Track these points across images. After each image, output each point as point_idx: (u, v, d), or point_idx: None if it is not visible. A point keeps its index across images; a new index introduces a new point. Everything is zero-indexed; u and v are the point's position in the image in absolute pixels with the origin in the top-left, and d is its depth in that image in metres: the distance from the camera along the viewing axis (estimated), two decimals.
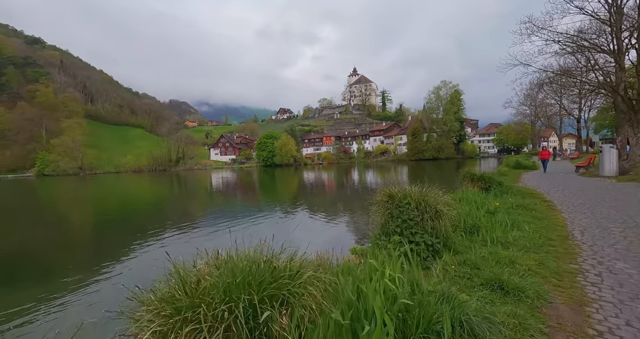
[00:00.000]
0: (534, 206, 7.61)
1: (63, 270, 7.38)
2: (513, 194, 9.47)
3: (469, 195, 8.01)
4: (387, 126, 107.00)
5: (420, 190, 4.78)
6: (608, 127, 48.25)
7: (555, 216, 6.84)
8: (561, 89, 30.50)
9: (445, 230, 4.42)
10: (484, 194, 8.92)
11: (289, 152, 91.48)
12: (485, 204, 7.10)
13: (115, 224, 13.64)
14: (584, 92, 25.98)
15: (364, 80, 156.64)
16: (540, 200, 8.97)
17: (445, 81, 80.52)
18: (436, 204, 4.48)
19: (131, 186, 39.12)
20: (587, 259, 4.18)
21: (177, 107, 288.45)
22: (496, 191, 9.57)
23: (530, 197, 9.54)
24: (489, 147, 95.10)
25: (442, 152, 76.93)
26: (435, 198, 4.69)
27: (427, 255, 4.13)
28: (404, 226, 4.28)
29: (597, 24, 14.98)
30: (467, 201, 7.33)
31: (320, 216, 12.37)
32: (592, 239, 5.02)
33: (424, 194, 4.67)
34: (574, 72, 16.99)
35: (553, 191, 10.90)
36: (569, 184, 12.88)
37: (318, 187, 26.63)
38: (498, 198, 8.56)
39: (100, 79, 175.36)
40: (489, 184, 9.77)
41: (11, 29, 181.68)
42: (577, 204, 8.16)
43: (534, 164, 22.71)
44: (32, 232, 11.90)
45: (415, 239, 4.15)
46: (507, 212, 6.74)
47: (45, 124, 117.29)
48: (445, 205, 4.65)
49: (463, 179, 10.27)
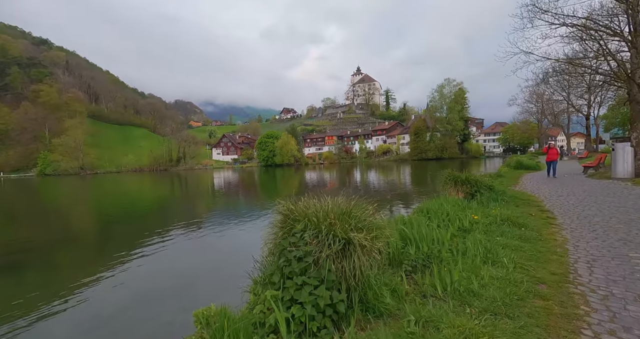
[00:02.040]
0: (526, 219, 5.80)
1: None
2: (504, 201, 7.68)
3: (443, 204, 6.23)
4: (389, 125, 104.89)
5: (339, 203, 3.07)
6: (619, 125, 45.71)
7: (554, 235, 5.04)
8: (568, 83, 28.32)
9: (362, 274, 2.68)
10: (466, 202, 7.14)
11: (289, 152, 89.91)
12: (461, 218, 5.35)
13: (114, 224, 12.14)
14: (593, 86, 23.80)
15: (367, 79, 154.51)
16: (536, 210, 7.15)
17: (449, 79, 78.17)
18: (350, 230, 2.75)
19: (123, 186, 37.84)
20: (602, 332, 2.41)
21: (183, 107, 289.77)
22: (484, 197, 7.79)
23: (525, 204, 7.72)
24: (494, 147, 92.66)
25: (446, 151, 74.74)
26: (359, 217, 2.98)
27: (320, 325, 2.41)
28: (288, 272, 2.56)
29: (611, 1, 12.99)
30: (436, 214, 5.57)
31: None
32: (606, 282, 3.25)
33: (340, 210, 2.96)
34: (583, 61, 14.96)
35: (555, 197, 9.04)
36: (576, 187, 10.97)
37: (311, 188, 24.95)
38: (483, 207, 6.78)
39: (106, 79, 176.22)
40: (475, 189, 7.98)
41: (20, 30, 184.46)
42: (585, 216, 6.34)
43: (537, 165, 20.62)
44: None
45: (301, 297, 2.43)
46: (487, 230, 4.97)
47: (49, 124, 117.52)
48: (372, 229, 2.93)
49: (445, 183, 8.47)
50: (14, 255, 8.27)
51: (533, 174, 17.09)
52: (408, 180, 27.27)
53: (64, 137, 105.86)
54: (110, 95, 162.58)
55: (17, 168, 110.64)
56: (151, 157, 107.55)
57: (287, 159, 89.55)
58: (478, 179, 8.12)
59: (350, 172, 43.30)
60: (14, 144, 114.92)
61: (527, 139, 70.67)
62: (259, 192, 25.05)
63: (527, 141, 71.44)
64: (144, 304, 4.93)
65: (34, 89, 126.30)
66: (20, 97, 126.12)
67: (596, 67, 14.36)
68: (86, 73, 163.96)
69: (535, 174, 17.07)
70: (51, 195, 30.34)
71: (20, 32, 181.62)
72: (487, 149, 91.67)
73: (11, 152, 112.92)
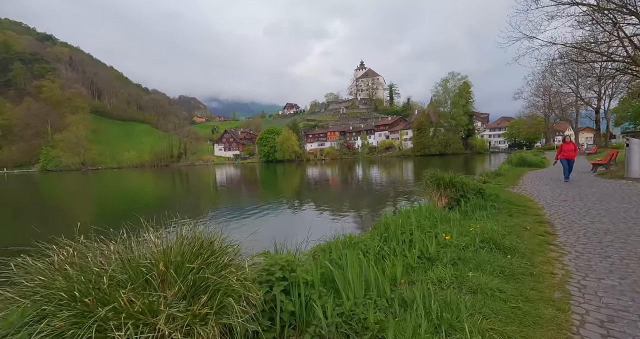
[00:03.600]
0: (516, 238, 4.41)
1: None
2: (495, 208, 6.28)
3: (412, 216, 4.84)
4: (392, 121, 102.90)
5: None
6: (631, 120, 43.57)
7: (551, 265, 3.66)
8: (577, 73, 26.45)
9: None
10: (446, 212, 5.77)
11: (290, 148, 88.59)
12: (427, 239, 3.98)
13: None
14: (605, 76, 21.95)
15: (370, 73, 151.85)
16: (533, 220, 5.74)
17: (454, 72, 75.77)
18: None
19: (122, 184, 36.90)
20: None
21: (187, 103, 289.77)
22: (471, 203, 6.41)
23: (521, 213, 6.30)
24: (499, 142, 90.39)
25: (449, 147, 72.80)
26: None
27: None
28: None
29: None
30: (396, 233, 4.19)
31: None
32: None
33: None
34: (593, 47, 13.31)
35: (558, 202, 7.58)
36: (583, 189, 9.47)
37: (302, 188, 23.70)
38: (466, 220, 5.40)
39: (109, 75, 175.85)
40: (460, 194, 6.59)
41: (24, 26, 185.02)
42: (594, 232, 4.94)
43: (541, 161, 18.91)
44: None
45: None
46: (459, 257, 3.61)
47: (51, 120, 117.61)
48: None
49: (426, 186, 7.08)
50: None
51: (536, 173, 15.49)
52: (402, 178, 25.81)
53: (65, 132, 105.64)
54: (113, 91, 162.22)
55: (20, 164, 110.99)
56: (152, 153, 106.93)
57: (288, 154, 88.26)
58: (465, 182, 6.71)
59: (352, 169, 42.36)
60: (16, 139, 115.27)
61: (533, 134, 68.39)
62: (242, 196, 23.81)
63: (533, 136, 69.17)
64: None
65: (37, 85, 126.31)
66: (23, 93, 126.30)
67: (609, 54, 12.72)
68: (89, 69, 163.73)
69: (539, 173, 15.49)
70: (53, 192, 29.48)
71: (25, 28, 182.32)
72: (492, 144, 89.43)
73: (14, 148, 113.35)
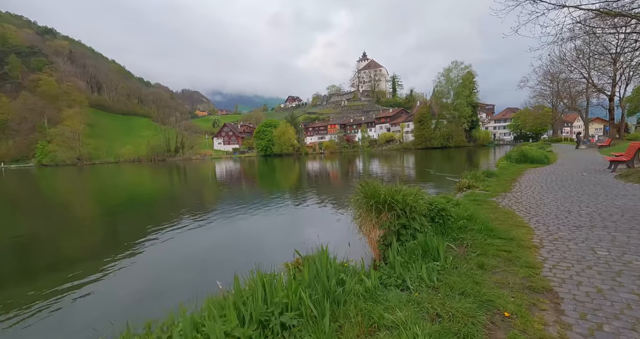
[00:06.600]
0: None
1: None
2: (455, 247, 3.71)
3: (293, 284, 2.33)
4: (394, 113, 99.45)
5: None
6: None
7: None
8: (591, 49, 23.29)
9: None
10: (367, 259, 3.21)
11: (287, 141, 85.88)
12: None
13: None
14: (626, 51, 18.75)
15: (373, 65, 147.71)
16: (523, 276, 3.14)
17: (457, 62, 71.83)
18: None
19: (112, 181, 34.73)
20: None
21: (189, 97, 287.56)
22: (421, 236, 3.84)
23: (502, 262, 3.66)
24: (504, 134, 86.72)
25: (452, 139, 69.64)
26: None
27: None
28: None
29: None
30: None
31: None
32: None
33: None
34: (622, 10, 10.09)
35: (568, 229, 4.88)
36: (603, 201, 6.68)
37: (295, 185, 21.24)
38: (393, 278, 2.88)
39: (110, 68, 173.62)
40: (403, 222, 4.01)
41: (25, 20, 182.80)
42: None
43: (545, 157, 15.92)
44: None
45: None
46: None
47: (48, 114, 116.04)
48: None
49: (356, 206, 4.51)
50: None
51: (539, 172, 12.59)
52: (403, 171, 23.22)
53: (60, 126, 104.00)
54: (114, 84, 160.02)
55: (17, 158, 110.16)
56: (149, 147, 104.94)
57: (285, 148, 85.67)
58: (409, 203, 4.10)
59: (351, 162, 40.27)
60: (13, 134, 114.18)
61: (540, 126, 64.82)
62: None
63: (540, 127, 65.57)
64: None
65: (33, 79, 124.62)
66: (20, 87, 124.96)
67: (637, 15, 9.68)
68: (90, 62, 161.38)
69: (543, 171, 12.60)
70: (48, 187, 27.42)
71: (26, 22, 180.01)
72: (497, 136, 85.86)
73: (11, 143, 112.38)
